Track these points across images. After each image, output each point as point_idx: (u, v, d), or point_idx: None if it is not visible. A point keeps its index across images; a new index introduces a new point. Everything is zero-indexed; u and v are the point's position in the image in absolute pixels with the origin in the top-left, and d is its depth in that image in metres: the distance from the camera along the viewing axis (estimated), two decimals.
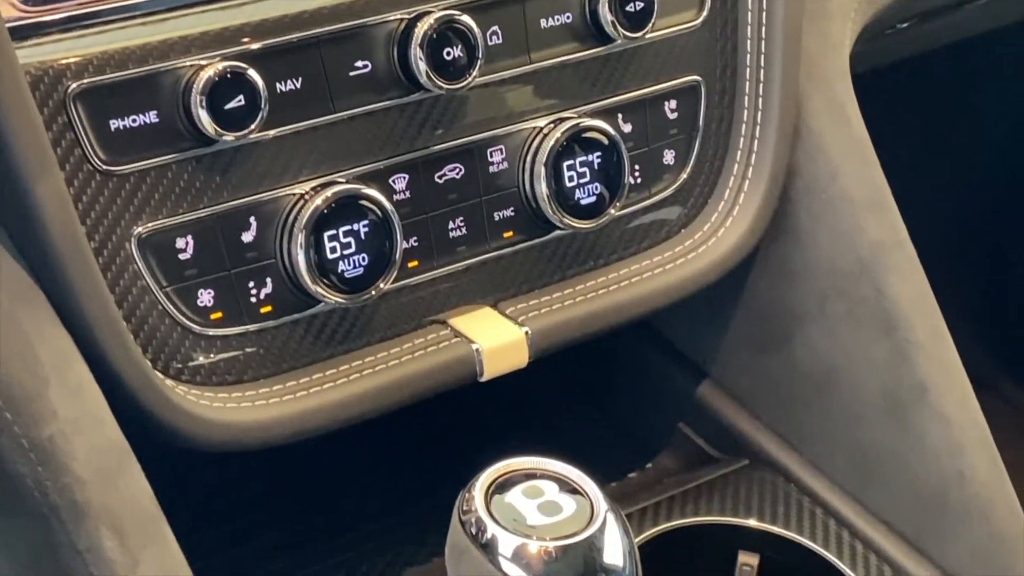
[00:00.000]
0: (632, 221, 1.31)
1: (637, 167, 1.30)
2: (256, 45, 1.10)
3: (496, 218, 1.23)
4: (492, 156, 1.22)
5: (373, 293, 1.15)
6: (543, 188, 1.22)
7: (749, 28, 1.33)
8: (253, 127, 1.08)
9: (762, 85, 1.33)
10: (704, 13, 1.31)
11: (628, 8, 1.24)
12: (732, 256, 1.33)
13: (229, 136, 1.07)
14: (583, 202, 1.24)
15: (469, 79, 1.16)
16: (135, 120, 1.06)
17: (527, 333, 1.23)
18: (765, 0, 1.32)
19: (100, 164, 1.05)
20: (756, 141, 1.34)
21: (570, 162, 1.23)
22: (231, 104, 1.07)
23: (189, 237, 1.10)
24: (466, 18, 1.15)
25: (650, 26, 1.26)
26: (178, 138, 1.08)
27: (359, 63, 1.14)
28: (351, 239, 1.12)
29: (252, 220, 1.12)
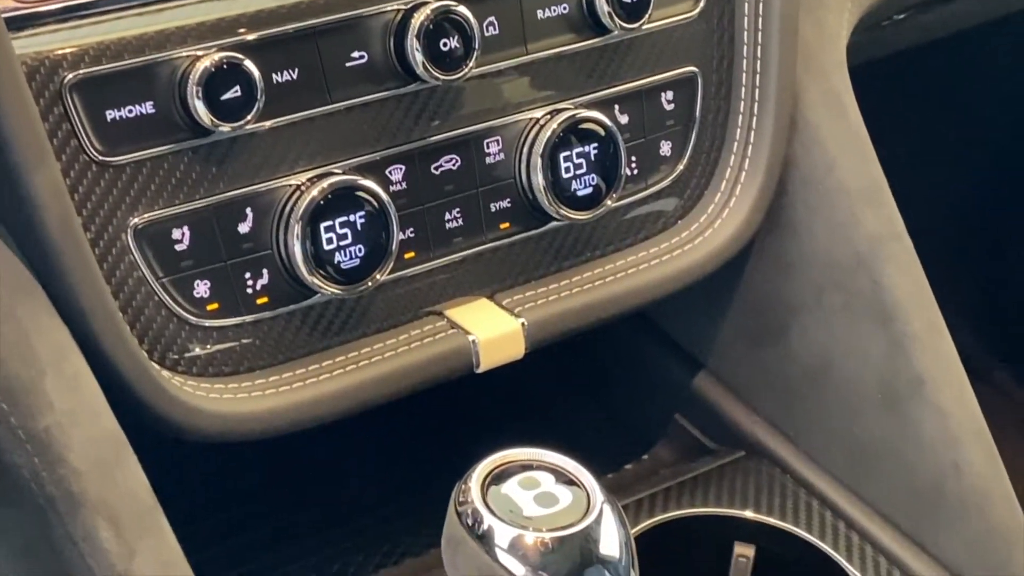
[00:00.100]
0: (629, 212, 1.31)
1: (634, 158, 1.29)
2: (252, 36, 1.09)
3: (492, 209, 1.23)
4: (488, 147, 1.22)
5: (369, 284, 1.15)
6: (539, 179, 1.22)
7: (746, 19, 1.33)
8: (249, 118, 1.08)
9: (759, 76, 1.33)
10: (701, 4, 1.31)
11: None
12: (728, 247, 1.33)
13: (225, 127, 1.07)
14: (579, 193, 1.24)
15: (466, 70, 1.16)
16: (131, 111, 1.06)
17: (523, 324, 1.23)
18: None
19: (96, 155, 1.05)
20: (753, 132, 1.34)
21: (567, 153, 1.23)
22: (227, 95, 1.07)
23: (185, 228, 1.09)
24: (463, 9, 1.15)
25: (647, 17, 1.26)
26: (174, 129, 1.08)
27: (355, 54, 1.14)
28: (347, 230, 1.12)
29: (248, 211, 1.12)
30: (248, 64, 1.07)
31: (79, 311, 1.04)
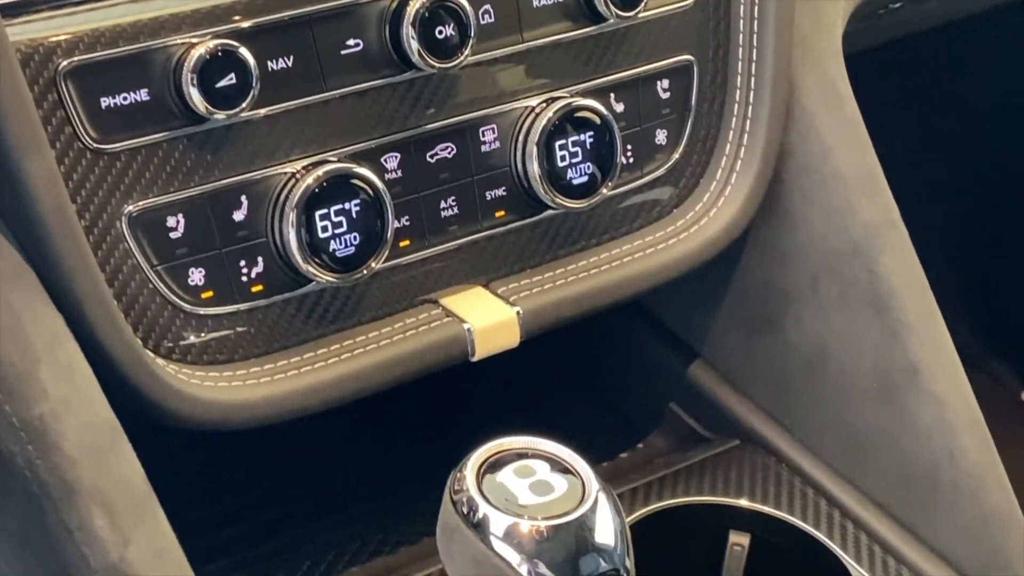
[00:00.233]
0: (624, 201, 1.31)
1: (629, 147, 1.29)
2: (247, 23, 1.09)
3: (488, 197, 1.23)
4: (484, 135, 1.22)
5: (364, 272, 1.15)
6: (535, 167, 1.22)
7: (742, 7, 1.32)
8: (244, 105, 1.08)
9: (754, 65, 1.33)
10: None
11: None
12: (724, 236, 1.33)
13: (220, 114, 1.07)
14: (575, 182, 1.24)
15: (461, 58, 1.16)
16: (126, 98, 1.06)
17: (518, 313, 1.23)
18: None
19: (91, 142, 1.05)
20: (748, 121, 1.33)
21: (562, 141, 1.22)
22: (222, 82, 1.07)
23: (180, 215, 1.09)
24: None
25: (643, 5, 1.25)
26: (169, 116, 1.07)
27: (351, 42, 1.14)
28: (343, 218, 1.12)
29: (243, 199, 1.12)
30: (243, 51, 1.07)
31: (73, 299, 1.04)
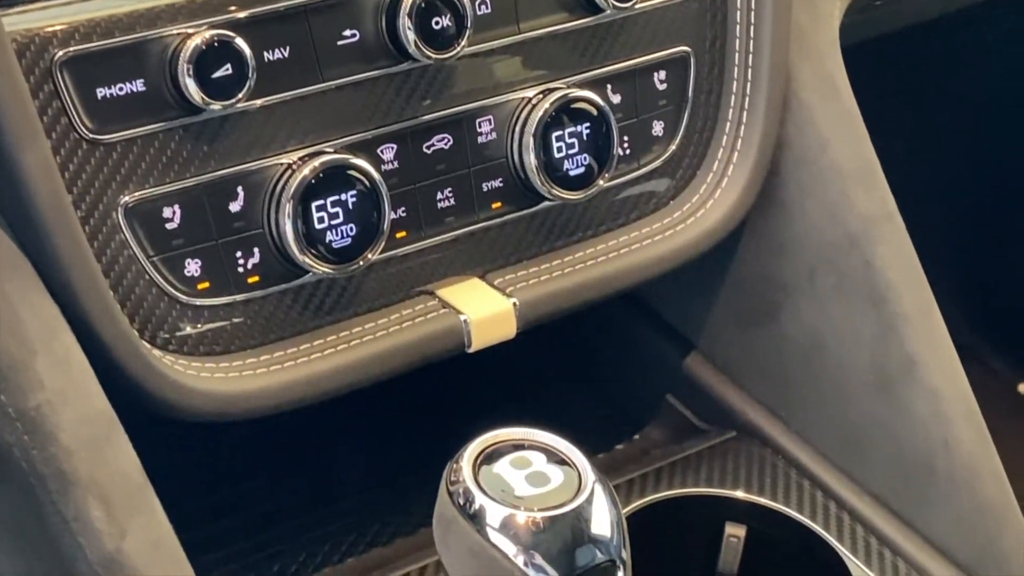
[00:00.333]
0: (621, 192, 1.31)
1: (626, 138, 1.29)
2: (243, 13, 1.09)
3: (484, 189, 1.23)
4: (480, 126, 1.22)
5: (361, 263, 1.14)
6: (532, 159, 1.22)
7: None
8: (240, 96, 1.07)
9: (751, 56, 1.33)
10: None
11: None
12: (721, 228, 1.33)
13: (216, 105, 1.07)
14: (572, 173, 1.24)
15: (457, 49, 1.16)
16: (122, 88, 1.05)
17: (515, 304, 1.23)
18: None
19: (87, 133, 1.05)
20: (745, 113, 1.33)
21: (559, 133, 1.22)
22: (218, 73, 1.06)
23: (176, 206, 1.09)
24: None
25: None
26: (165, 107, 1.07)
27: (347, 32, 1.14)
28: (339, 209, 1.12)
29: (239, 190, 1.11)
30: (239, 42, 1.07)
31: (70, 289, 1.04)
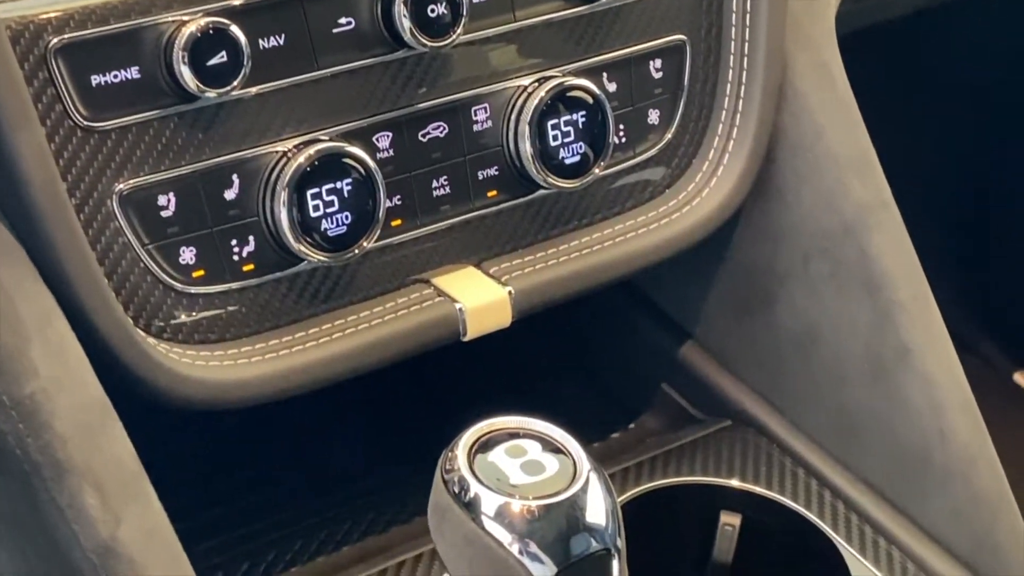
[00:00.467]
0: (616, 181, 1.31)
1: (622, 126, 1.29)
2: (238, 1, 1.09)
3: (480, 177, 1.23)
4: (476, 115, 1.22)
5: (356, 252, 1.14)
6: (527, 147, 1.22)
7: None
8: (235, 84, 1.07)
9: (747, 44, 1.32)
10: None
11: None
12: (716, 216, 1.33)
13: (211, 93, 1.07)
14: (567, 161, 1.24)
15: (453, 37, 1.15)
16: (116, 76, 1.05)
17: (510, 292, 1.23)
18: None
19: (81, 120, 1.05)
20: (741, 101, 1.33)
21: (554, 121, 1.22)
22: (213, 60, 1.06)
23: (171, 194, 1.09)
24: None
25: None
26: (160, 94, 1.07)
27: (343, 20, 1.13)
28: (334, 197, 1.12)
29: (235, 178, 1.11)
30: (234, 29, 1.07)
31: (64, 277, 1.03)
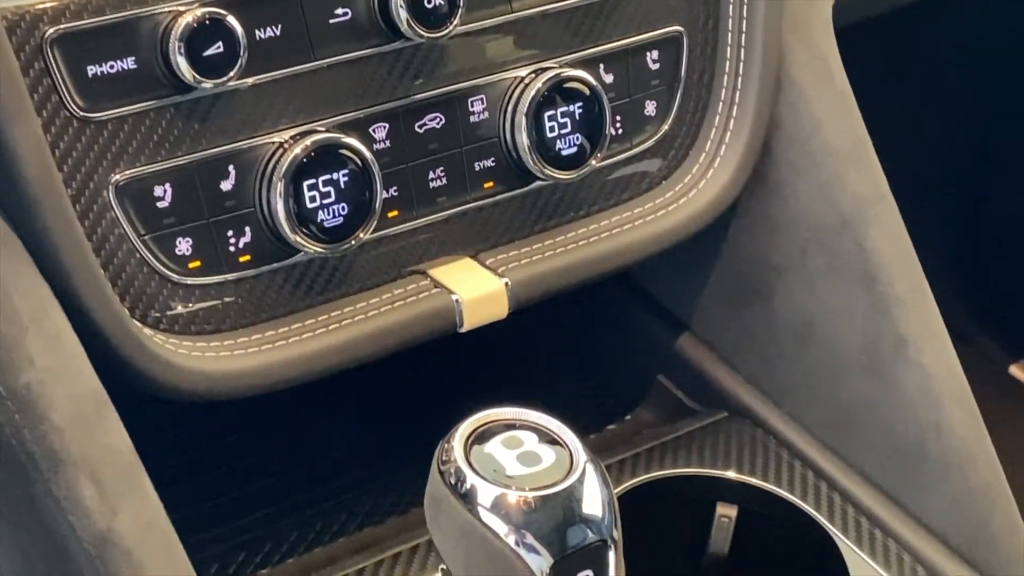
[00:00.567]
0: (613, 172, 1.31)
1: (618, 118, 1.29)
2: None
3: (477, 168, 1.23)
4: (473, 106, 1.22)
5: (353, 243, 1.14)
6: (524, 138, 1.22)
7: None
8: (232, 74, 1.07)
9: (744, 36, 1.32)
10: None
11: None
12: (713, 208, 1.33)
13: (208, 83, 1.07)
14: (564, 153, 1.24)
15: (450, 28, 1.15)
16: (113, 66, 1.05)
17: (507, 284, 1.23)
18: None
19: (77, 110, 1.04)
20: (738, 93, 1.33)
21: (551, 112, 1.22)
22: (210, 51, 1.06)
23: (167, 185, 1.09)
24: None
25: None
26: (156, 85, 1.07)
27: (339, 10, 1.13)
28: (331, 188, 1.12)
29: (231, 168, 1.11)
30: (231, 20, 1.06)
31: (60, 268, 1.03)
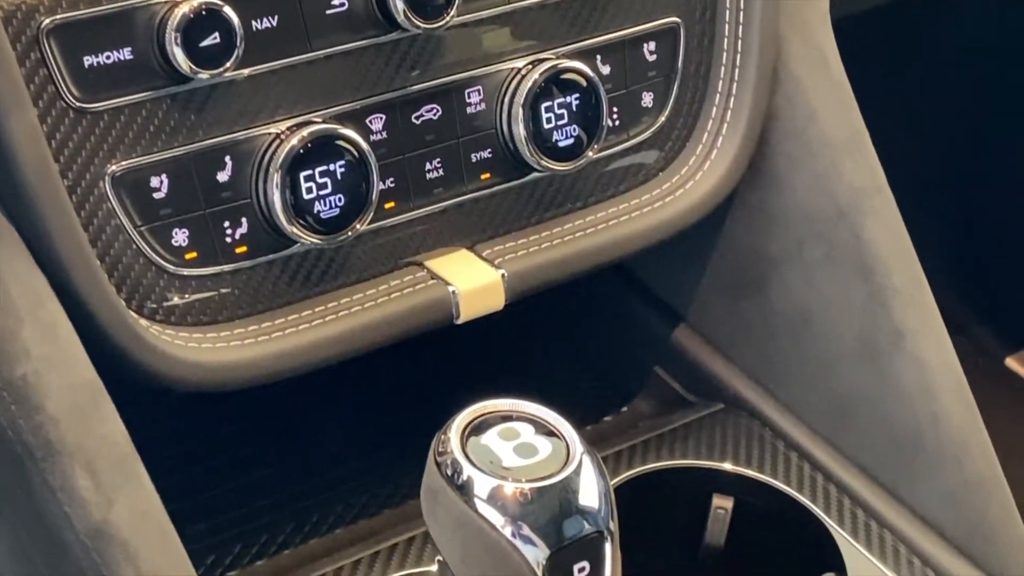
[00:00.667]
0: (610, 164, 1.31)
1: (615, 109, 1.29)
2: None
3: (473, 159, 1.23)
4: (470, 97, 1.22)
5: (349, 234, 1.14)
6: (521, 130, 1.22)
7: None
8: (228, 65, 1.07)
9: (741, 28, 1.32)
10: None
11: None
12: (710, 199, 1.33)
13: (204, 74, 1.06)
14: (561, 144, 1.23)
15: (447, 18, 1.15)
16: (109, 57, 1.05)
17: (503, 275, 1.22)
18: None
19: (74, 101, 1.04)
20: (735, 84, 1.33)
21: (548, 104, 1.22)
22: (206, 41, 1.06)
23: (164, 176, 1.09)
24: None
25: None
26: (152, 75, 1.07)
27: (336, 1, 1.13)
28: (327, 179, 1.12)
29: (227, 159, 1.11)
30: (227, 10, 1.06)
31: (56, 259, 1.03)
